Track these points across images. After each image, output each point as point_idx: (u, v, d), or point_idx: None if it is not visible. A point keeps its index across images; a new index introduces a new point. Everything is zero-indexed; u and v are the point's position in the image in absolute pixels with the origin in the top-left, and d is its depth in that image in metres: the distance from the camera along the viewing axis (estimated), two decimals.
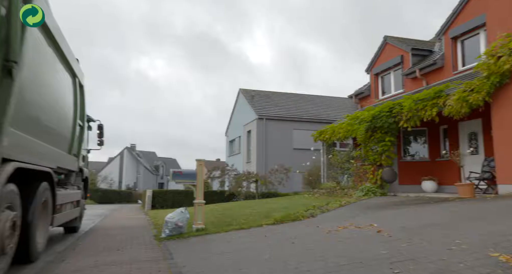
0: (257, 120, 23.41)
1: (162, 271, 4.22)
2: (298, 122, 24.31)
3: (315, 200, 10.83)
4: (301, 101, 27.43)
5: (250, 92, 27.15)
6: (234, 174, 20.17)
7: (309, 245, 4.66)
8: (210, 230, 6.98)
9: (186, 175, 7.27)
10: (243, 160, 25.36)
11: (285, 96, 28.15)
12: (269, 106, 25.36)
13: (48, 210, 5.51)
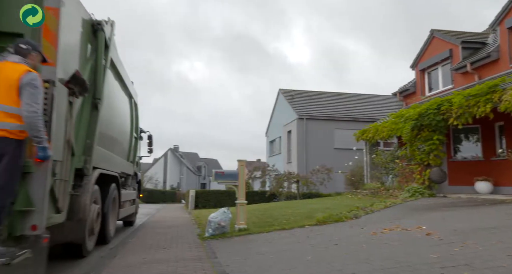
0: (298, 120, 23.24)
1: (206, 270, 4.31)
2: (339, 121, 23.83)
3: (358, 201, 10.55)
4: (342, 100, 26.84)
5: (290, 92, 27.02)
6: (275, 175, 20.14)
7: (353, 247, 4.55)
8: (252, 230, 7.02)
9: (228, 175, 7.37)
10: (284, 161, 25.28)
11: (326, 95, 27.70)
12: (309, 106, 25.08)
13: (115, 206, 7.01)
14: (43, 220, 3.41)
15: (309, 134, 23.15)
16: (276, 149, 28.57)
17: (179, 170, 57.71)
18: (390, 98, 27.48)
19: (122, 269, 4.53)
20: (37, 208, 3.37)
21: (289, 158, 24.77)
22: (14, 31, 3.64)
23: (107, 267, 4.61)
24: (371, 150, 14.64)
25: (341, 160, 18.87)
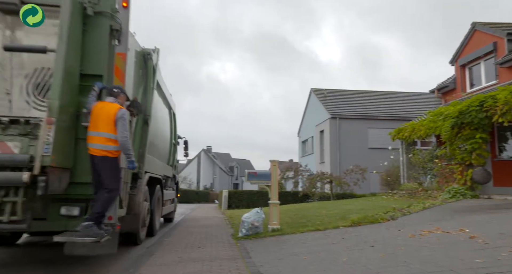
0: (330, 120, 22.90)
1: (240, 270, 4.34)
2: (373, 120, 23.24)
3: (395, 201, 10.23)
4: (376, 98, 26.15)
5: (322, 91, 26.68)
6: (308, 175, 19.95)
7: (390, 249, 4.41)
8: (285, 231, 6.99)
9: (260, 175, 7.38)
10: (316, 161, 24.99)
11: (359, 93, 27.10)
12: (342, 105, 24.64)
13: (160, 204, 8.03)
14: (116, 213, 4.52)
15: (342, 134, 22.74)
16: (308, 149, 28.30)
17: (212, 170, 58.57)
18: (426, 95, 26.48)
19: (159, 267, 4.66)
20: None
21: (321, 158, 24.45)
22: (95, 73, 4.56)
23: (145, 265, 4.76)
24: (408, 149, 14.14)
25: (375, 160, 18.39)
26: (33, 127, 4.06)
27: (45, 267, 4.87)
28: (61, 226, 4.34)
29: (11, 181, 3.79)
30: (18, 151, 3.94)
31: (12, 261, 5.38)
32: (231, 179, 61.58)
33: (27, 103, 4.35)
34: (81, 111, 4.40)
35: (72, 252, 4.20)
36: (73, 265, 5.02)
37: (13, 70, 4.41)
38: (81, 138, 4.39)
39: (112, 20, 4.63)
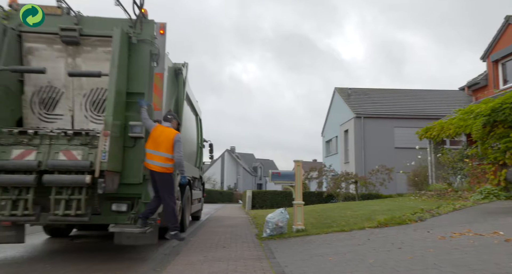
0: (355, 119, 22.54)
1: (265, 270, 4.34)
2: (399, 119, 22.68)
3: (423, 202, 9.95)
4: (402, 96, 25.51)
5: (346, 90, 26.30)
6: (332, 175, 19.71)
7: (419, 251, 4.29)
8: (310, 231, 6.93)
9: (284, 176, 7.36)
10: (341, 161, 24.66)
11: (384, 92, 26.53)
12: (367, 104, 24.20)
13: (189, 203, 8.66)
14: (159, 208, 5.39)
15: (367, 133, 22.34)
16: (332, 149, 27.97)
17: (236, 170, 58.89)
18: (454, 93, 25.62)
19: (184, 266, 4.73)
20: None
21: (346, 158, 24.11)
22: (138, 91, 5.30)
23: (171, 264, 4.84)
24: (436, 148, 13.71)
25: (402, 160, 17.92)
26: (91, 138, 4.90)
27: (86, 260, 5.05)
28: (112, 220, 5.15)
29: (76, 182, 4.63)
30: (80, 158, 4.77)
31: (65, 250, 5.97)
32: (255, 179, 61.71)
33: (85, 117, 5.42)
34: (128, 124, 5.14)
35: (121, 241, 5.11)
36: (107, 262, 5.18)
37: (74, 91, 5.41)
38: (127, 146, 5.19)
39: (151, 46, 5.41)
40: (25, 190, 4.69)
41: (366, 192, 17.87)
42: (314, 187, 25.46)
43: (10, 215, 4.66)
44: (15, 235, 5.15)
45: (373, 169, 17.61)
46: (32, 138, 4.86)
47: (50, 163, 4.66)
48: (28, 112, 5.35)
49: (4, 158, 4.68)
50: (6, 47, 5.05)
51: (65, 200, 4.69)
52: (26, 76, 5.35)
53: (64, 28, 5.21)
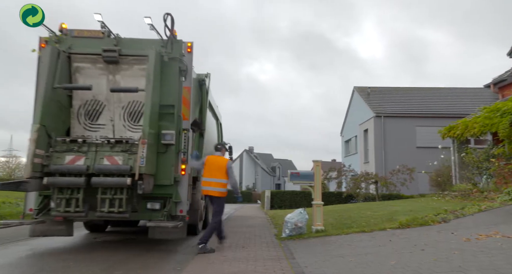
0: (375, 118, 22.18)
1: (284, 270, 4.32)
2: (421, 118, 22.17)
3: (446, 203, 9.68)
4: (424, 95, 24.93)
5: (365, 89, 25.91)
6: (351, 175, 19.45)
7: (443, 254, 4.18)
8: (329, 232, 6.86)
9: (303, 176, 7.32)
10: (361, 161, 24.31)
11: (405, 90, 25.99)
12: (387, 103, 23.77)
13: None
14: (186, 207, 6.02)
15: (388, 133, 21.93)
16: (352, 149, 27.61)
17: (254, 170, 58.93)
18: (479, 90, 24.86)
19: (204, 265, 4.76)
20: (182, 200, 5.97)
21: (366, 158, 23.75)
22: (169, 103, 6.01)
23: (191, 263, 4.89)
24: (460, 148, 13.33)
25: (424, 160, 17.48)
26: (130, 145, 5.63)
27: (108, 258, 5.17)
28: (147, 217, 5.92)
29: (119, 184, 5.32)
30: (121, 162, 5.47)
31: (88, 248, 6.27)
32: (273, 179, 61.59)
33: (124, 127, 6.20)
34: (161, 132, 5.82)
35: (154, 236, 5.71)
36: (129, 261, 5.28)
37: (115, 104, 6.21)
38: (160, 152, 5.84)
39: (180, 63, 6.14)
40: (76, 190, 5.45)
41: (386, 193, 17.54)
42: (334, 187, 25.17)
43: (65, 211, 5.43)
44: (65, 229, 5.99)
45: (394, 169, 17.27)
46: (81, 145, 5.63)
47: (96, 167, 5.42)
48: (75, 122, 6.18)
49: (59, 163, 5.47)
50: (59, 67, 5.81)
51: (109, 199, 5.41)
52: (74, 91, 6.16)
53: (106, 49, 5.98)
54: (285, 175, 57.32)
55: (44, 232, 5.95)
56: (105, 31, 6.17)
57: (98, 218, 5.79)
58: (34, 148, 5.26)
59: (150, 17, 5.82)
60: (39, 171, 5.37)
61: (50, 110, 5.63)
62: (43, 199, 5.87)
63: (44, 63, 5.73)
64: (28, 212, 5.89)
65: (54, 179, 5.38)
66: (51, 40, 6.03)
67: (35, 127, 5.36)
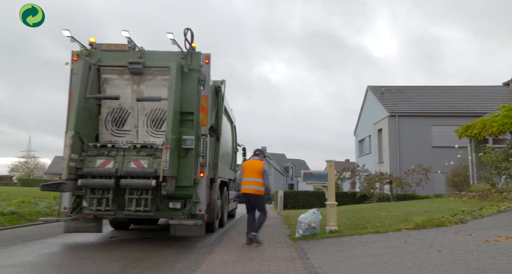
0: (389, 118, 21.89)
1: (298, 271, 4.31)
2: (436, 117, 21.79)
3: (464, 204, 9.49)
4: (440, 93, 24.49)
5: (379, 88, 25.60)
6: (365, 175, 19.24)
7: (461, 255, 4.09)
8: (343, 233, 6.81)
9: (316, 176, 7.28)
10: (375, 160, 24.03)
11: (420, 89, 25.58)
12: (401, 102, 23.43)
13: (226, 202, 9.76)
14: (204, 206, 6.49)
15: (402, 132, 21.62)
16: (366, 149, 27.32)
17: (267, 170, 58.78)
18: (497, 89, 24.32)
19: (218, 265, 4.78)
20: (201, 200, 6.45)
21: (380, 157, 23.47)
22: (189, 111, 6.44)
23: (205, 263, 4.91)
24: (478, 147, 13.05)
25: (440, 159, 17.18)
26: (154, 150, 6.12)
27: (124, 258, 5.25)
28: (169, 215, 6.41)
29: (145, 185, 5.83)
30: (147, 166, 5.98)
31: (104, 248, 6.37)
32: (286, 179, 61.43)
33: (146, 133, 6.69)
34: (181, 138, 6.28)
35: (175, 232, 6.25)
36: (144, 260, 5.34)
37: (139, 111, 6.72)
38: (181, 156, 6.28)
39: (199, 73, 6.58)
40: (106, 191, 5.97)
41: (401, 193, 17.29)
42: (347, 187, 24.96)
43: (96, 210, 5.98)
44: (95, 226, 6.57)
45: (409, 169, 17.01)
46: (110, 150, 6.18)
47: (124, 170, 5.95)
48: (103, 128, 6.72)
49: (91, 166, 6.02)
50: (90, 79, 6.33)
51: (136, 199, 5.94)
52: (103, 100, 6.71)
53: (131, 62, 6.48)
54: (298, 175, 57.09)
55: (76, 228, 6.52)
56: (131, 44, 6.69)
57: (125, 216, 6.28)
58: (69, 152, 5.80)
59: (172, 32, 6.38)
60: (74, 173, 5.91)
61: (82, 118, 6.19)
62: (75, 199, 6.42)
63: (77, 76, 6.26)
64: (62, 210, 6.51)
65: (87, 181, 5.93)
66: (82, 53, 6.56)
67: (70, 133, 5.88)
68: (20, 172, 63.01)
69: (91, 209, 5.99)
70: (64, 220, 6.27)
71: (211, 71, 6.97)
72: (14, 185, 49.11)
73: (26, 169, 63.54)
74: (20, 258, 5.46)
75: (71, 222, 6.42)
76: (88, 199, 6.01)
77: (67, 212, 6.39)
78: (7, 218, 9.46)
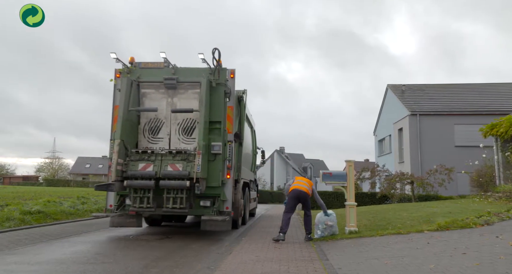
0: (410, 117, 21.44)
1: (318, 271, 4.27)
2: (459, 116, 21.17)
3: (489, 205, 9.19)
4: (463, 91, 23.80)
5: (399, 87, 25.11)
6: (386, 175, 18.89)
7: (487, 258, 3.96)
8: (363, 233, 6.72)
9: (336, 176, 7.20)
10: (395, 160, 23.57)
11: (442, 87, 24.94)
12: (422, 101, 22.90)
13: (248, 201, 10.49)
14: (230, 204, 7.41)
15: (424, 131, 21.12)
16: (386, 149, 26.84)
17: (285, 171, 58.71)
18: None
19: (237, 265, 4.80)
20: (228, 199, 7.39)
21: (400, 157, 23.01)
22: (216, 120, 7.38)
23: (224, 263, 4.94)
24: (504, 146, 12.60)
25: (463, 159, 16.68)
26: (188, 155, 7.10)
27: (144, 257, 5.35)
28: (200, 212, 7.27)
29: (180, 186, 6.75)
30: (181, 169, 6.92)
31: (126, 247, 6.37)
32: None
33: (178, 140, 7.54)
34: (210, 144, 7.19)
35: (206, 227, 6.97)
36: (164, 259, 5.42)
37: (171, 121, 7.62)
38: (210, 160, 7.19)
39: (225, 87, 7.51)
40: (147, 190, 6.91)
41: (423, 193, 16.89)
42: (367, 187, 24.60)
43: (139, 207, 6.92)
44: (136, 221, 7.42)
45: (431, 169, 16.61)
46: (150, 155, 7.17)
47: (162, 172, 6.90)
48: (141, 136, 7.67)
49: (134, 169, 7.01)
50: (132, 94, 7.29)
51: (172, 197, 6.83)
52: (142, 112, 7.66)
53: (166, 78, 7.44)
54: (317, 175, 56.68)
55: (120, 223, 7.34)
56: (166, 62, 7.65)
57: (163, 213, 7.16)
58: (117, 158, 6.75)
59: (203, 53, 7.32)
60: (120, 176, 6.85)
61: (126, 128, 7.15)
62: (119, 198, 7.36)
63: (121, 91, 7.25)
64: (108, 207, 7.39)
65: (131, 182, 6.86)
66: (123, 71, 7.54)
67: (116, 142, 6.86)
68: (46, 172, 65.10)
69: (135, 207, 6.90)
70: (112, 215, 7.20)
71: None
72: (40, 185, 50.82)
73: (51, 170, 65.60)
74: (47, 256, 5.64)
75: (115, 218, 7.26)
76: (132, 197, 6.94)
77: (112, 209, 7.27)
78: (34, 217, 9.80)
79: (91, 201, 14.89)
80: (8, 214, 9.27)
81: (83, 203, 13.92)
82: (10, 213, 9.44)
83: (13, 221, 8.93)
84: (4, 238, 7.32)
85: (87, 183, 51.92)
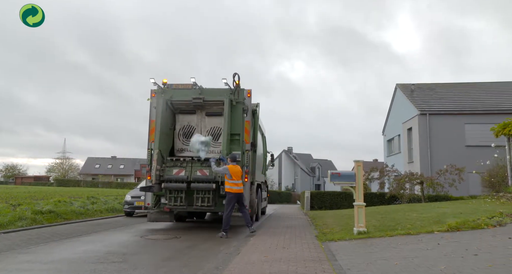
0: (419, 116, 21.22)
1: (326, 272, 4.25)
2: (470, 115, 20.89)
3: (501, 206, 9.05)
4: (473, 90, 23.50)
5: (408, 86, 24.88)
6: (395, 175, 18.72)
7: (500, 259, 3.91)
8: (372, 234, 6.67)
9: (344, 176, 7.16)
10: (404, 160, 23.36)
11: (451, 86, 24.65)
12: (432, 100, 22.65)
13: (260, 201, 11.44)
14: (248, 203, 8.48)
15: (433, 131, 20.89)
16: (395, 148, 26.62)
17: (293, 171, 58.56)
18: None
19: (245, 265, 4.80)
20: (246, 198, 8.30)
21: (410, 157, 22.79)
22: (236, 132, 8.73)
23: (232, 263, 4.94)
24: None
25: (474, 159, 16.45)
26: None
27: (154, 256, 5.39)
28: (223, 209, 8.04)
29: (208, 188, 8.14)
30: (208, 174, 8.26)
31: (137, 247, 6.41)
32: (313, 180, 60.86)
33: None
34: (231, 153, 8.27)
35: None
36: (174, 259, 5.45)
37: (202, 128, 9.26)
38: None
39: (243, 104, 8.82)
40: (180, 191, 8.25)
41: (433, 194, 16.69)
42: (376, 188, 24.38)
43: (173, 205, 8.25)
44: (169, 217, 8.78)
45: (441, 169, 16.41)
46: (182, 162, 8.55)
47: (193, 177, 8.26)
48: (177, 140, 9.31)
49: (169, 174, 8.38)
50: (166, 111, 8.78)
51: (201, 197, 8.14)
52: (176, 120, 9.37)
53: (194, 98, 8.83)
54: (325, 175, 56.39)
55: (156, 219, 8.69)
56: (194, 84, 8.91)
57: (194, 210, 8.52)
58: (156, 165, 8.13)
59: (226, 78, 8.72)
60: (158, 179, 8.15)
61: (162, 139, 8.53)
62: (155, 197, 8.61)
63: (157, 109, 8.63)
64: (146, 205, 8.65)
65: (167, 185, 8.21)
66: (158, 91, 8.83)
67: (155, 151, 8.28)
68: (56, 173, 65.95)
69: (170, 205, 8.23)
70: (150, 212, 8.59)
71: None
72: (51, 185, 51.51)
73: (62, 170, 66.44)
74: (58, 255, 5.71)
75: (152, 214, 8.62)
76: (167, 197, 8.27)
77: (150, 207, 8.56)
78: (45, 216, 9.94)
79: (100, 201, 15.05)
80: (21, 214, 9.42)
81: (93, 203, 14.08)
82: (22, 212, 9.59)
83: (25, 221, 9.07)
84: (17, 237, 7.44)
85: (97, 183, 52.49)
